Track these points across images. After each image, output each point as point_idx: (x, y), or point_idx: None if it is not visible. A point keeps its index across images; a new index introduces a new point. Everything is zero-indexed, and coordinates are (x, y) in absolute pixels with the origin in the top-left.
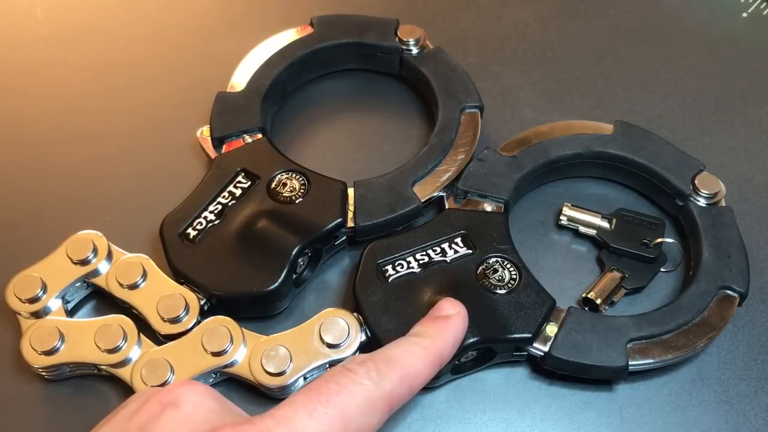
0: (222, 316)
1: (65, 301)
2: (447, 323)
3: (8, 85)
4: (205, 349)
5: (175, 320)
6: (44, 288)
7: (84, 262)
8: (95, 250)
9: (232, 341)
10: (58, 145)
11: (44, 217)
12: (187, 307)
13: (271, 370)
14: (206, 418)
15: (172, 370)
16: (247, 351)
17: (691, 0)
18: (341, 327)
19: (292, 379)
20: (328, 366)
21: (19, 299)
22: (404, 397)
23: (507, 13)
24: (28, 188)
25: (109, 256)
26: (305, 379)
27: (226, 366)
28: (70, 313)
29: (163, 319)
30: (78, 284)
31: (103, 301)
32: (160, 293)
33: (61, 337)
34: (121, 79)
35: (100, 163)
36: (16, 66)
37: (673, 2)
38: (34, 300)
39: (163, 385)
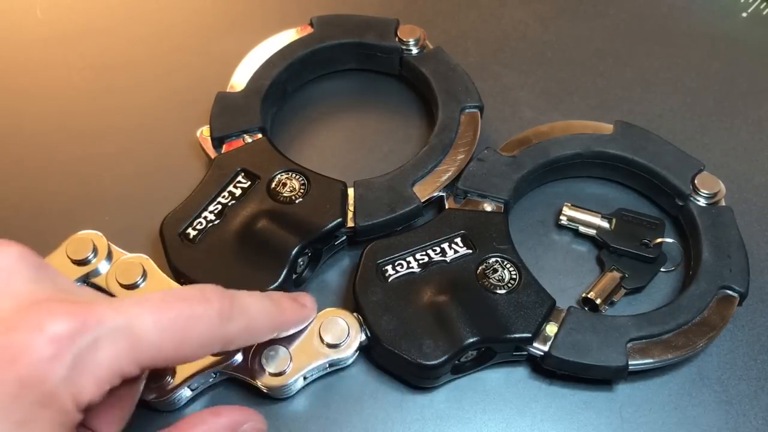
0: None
1: None
2: (303, 311)
3: (8, 85)
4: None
5: None
6: None
7: (84, 262)
8: (95, 250)
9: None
10: (58, 144)
11: (44, 216)
12: None
13: (272, 371)
14: (16, 291)
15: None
16: (247, 351)
17: (691, 0)
18: (341, 327)
19: (293, 379)
20: (327, 366)
21: None
22: (236, 344)
23: (507, 13)
24: (28, 188)
25: (109, 256)
26: (305, 378)
27: (226, 366)
28: None
29: None
30: (78, 284)
31: None
32: None
33: None
34: (121, 79)
35: (100, 162)
36: (16, 66)
37: (673, 2)
38: None
39: None
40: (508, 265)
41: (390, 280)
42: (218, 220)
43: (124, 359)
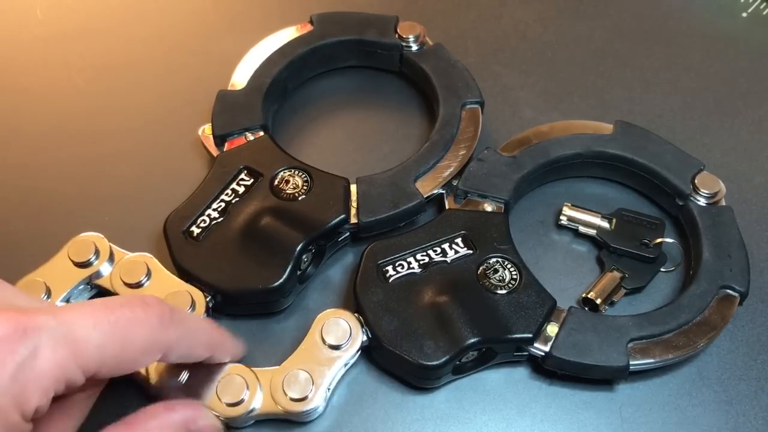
0: (238, 364)
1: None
2: (238, 342)
3: (8, 85)
4: (220, 399)
5: None
6: (48, 292)
7: (86, 265)
8: (97, 252)
9: (248, 388)
10: (59, 145)
11: (44, 216)
12: (193, 304)
13: (297, 396)
14: None
15: None
16: (264, 390)
17: (691, 0)
18: (342, 328)
19: (321, 397)
20: (344, 366)
21: None
22: (176, 354)
23: (507, 13)
24: (29, 188)
25: (111, 257)
26: (329, 390)
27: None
28: None
29: None
30: (81, 287)
31: None
32: (165, 291)
33: None
34: (121, 79)
35: (101, 162)
36: (16, 66)
37: (673, 2)
38: None
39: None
40: (509, 266)
41: (391, 280)
42: (222, 218)
43: (67, 365)
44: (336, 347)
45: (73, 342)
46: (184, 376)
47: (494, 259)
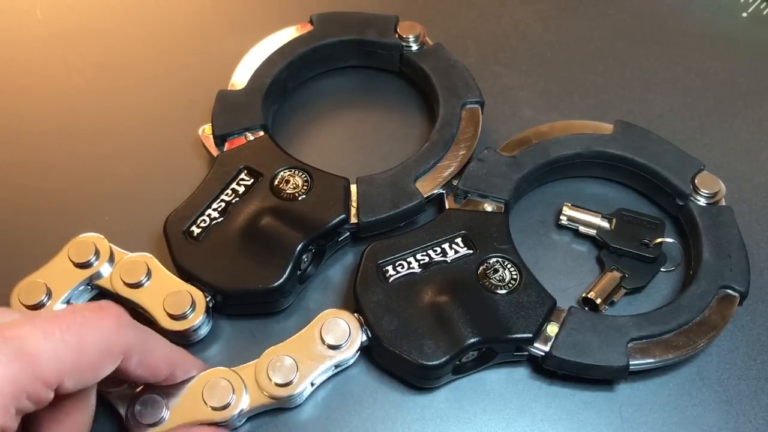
0: (221, 368)
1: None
2: (194, 363)
3: (8, 85)
4: (206, 402)
5: (181, 317)
6: (49, 293)
7: (86, 265)
8: (97, 253)
9: (234, 392)
10: (59, 145)
11: (44, 216)
12: (193, 304)
13: (279, 381)
14: None
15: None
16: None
17: (691, 0)
18: (342, 328)
19: (301, 387)
20: (334, 368)
21: (24, 306)
22: (137, 358)
23: (507, 13)
24: (29, 188)
25: (111, 257)
26: (313, 384)
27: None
28: None
29: (169, 315)
30: (81, 288)
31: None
32: (165, 291)
33: None
34: (121, 79)
35: (101, 162)
36: (16, 66)
37: (673, 2)
38: (38, 306)
39: None
40: (509, 266)
41: (391, 280)
42: (222, 218)
43: (22, 379)
44: (334, 347)
45: (25, 356)
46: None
47: (494, 259)
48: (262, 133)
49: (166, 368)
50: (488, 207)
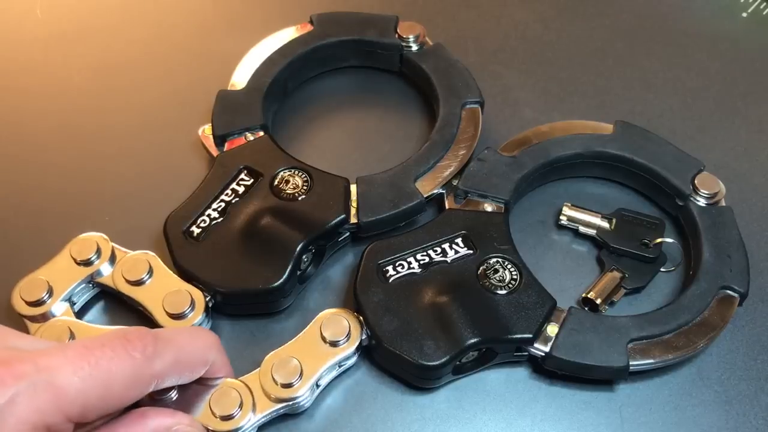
0: (228, 379)
1: (71, 303)
2: (227, 362)
3: (8, 85)
4: (213, 413)
5: (180, 316)
6: (50, 291)
7: (88, 263)
8: (98, 251)
9: (241, 406)
10: (59, 145)
11: (45, 216)
12: (192, 304)
13: (284, 382)
14: None
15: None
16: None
17: (691, 0)
18: (342, 326)
19: (306, 387)
20: (338, 366)
21: (26, 302)
22: (169, 380)
23: (507, 13)
24: (29, 188)
25: (113, 255)
26: (318, 386)
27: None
28: (78, 314)
29: (168, 314)
30: (83, 285)
31: (109, 301)
32: (166, 289)
33: (72, 337)
34: (121, 79)
35: (101, 162)
36: (16, 66)
37: (673, 2)
38: (40, 303)
39: None
40: (509, 266)
41: (391, 280)
42: (222, 218)
43: (47, 411)
44: (333, 344)
45: (52, 388)
46: (173, 392)
47: (494, 259)
48: (262, 133)
49: (201, 371)
50: (488, 207)
